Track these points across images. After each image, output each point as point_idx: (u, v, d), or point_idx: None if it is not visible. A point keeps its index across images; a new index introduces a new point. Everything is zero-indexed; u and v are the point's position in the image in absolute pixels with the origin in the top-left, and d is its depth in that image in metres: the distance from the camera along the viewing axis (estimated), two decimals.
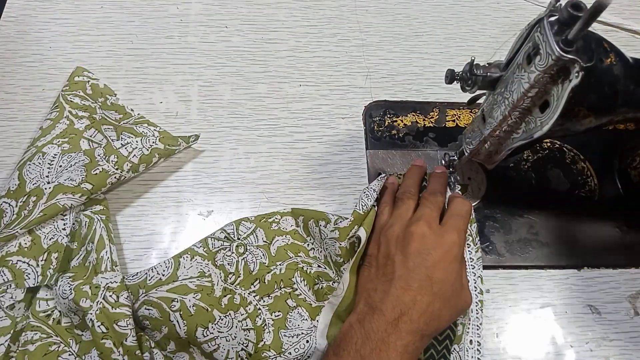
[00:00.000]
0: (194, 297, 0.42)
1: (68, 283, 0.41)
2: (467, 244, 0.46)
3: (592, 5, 0.30)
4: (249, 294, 0.45)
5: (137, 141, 0.48)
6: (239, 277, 0.45)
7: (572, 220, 0.51)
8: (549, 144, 0.55)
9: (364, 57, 0.60)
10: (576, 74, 0.33)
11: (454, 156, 0.50)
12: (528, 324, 0.47)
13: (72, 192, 0.44)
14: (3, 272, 0.42)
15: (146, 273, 0.43)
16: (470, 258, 0.46)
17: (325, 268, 0.46)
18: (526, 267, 0.49)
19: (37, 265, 0.43)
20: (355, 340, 0.37)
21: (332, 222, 0.44)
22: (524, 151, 0.54)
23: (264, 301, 0.45)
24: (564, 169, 0.53)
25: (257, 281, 0.45)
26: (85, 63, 0.56)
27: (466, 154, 0.46)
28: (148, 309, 0.41)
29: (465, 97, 0.44)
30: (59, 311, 0.42)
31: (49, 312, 0.42)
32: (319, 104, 0.56)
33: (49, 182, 0.45)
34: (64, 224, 0.45)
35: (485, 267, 0.48)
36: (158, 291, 0.42)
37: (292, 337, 0.43)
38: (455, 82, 0.42)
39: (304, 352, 0.42)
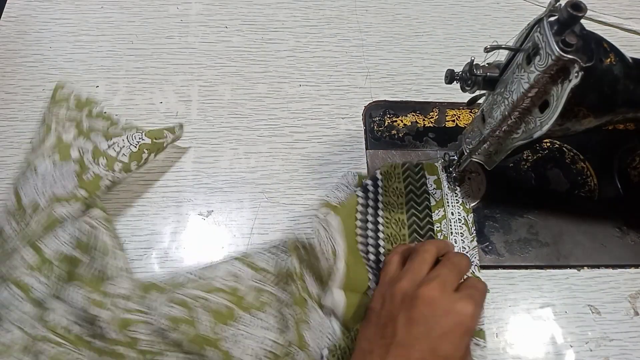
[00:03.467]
0: (218, 296, 0.42)
1: (77, 292, 0.41)
2: (462, 233, 0.47)
3: None
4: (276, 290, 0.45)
5: (123, 140, 0.48)
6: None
7: (572, 220, 0.51)
8: (548, 144, 0.55)
9: (363, 57, 0.60)
10: (576, 74, 0.33)
11: (453, 156, 0.50)
12: (528, 323, 0.47)
13: (67, 200, 0.44)
14: (9, 286, 0.42)
15: (183, 276, 0.44)
16: (467, 246, 0.47)
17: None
18: (526, 267, 0.49)
19: (42, 276, 0.43)
20: None
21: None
22: (524, 151, 0.54)
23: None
24: (564, 168, 0.53)
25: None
26: (86, 63, 0.56)
27: (466, 154, 0.46)
28: (170, 307, 0.41)
29: (465, 97, 0.43)
30: (70, 321, 0.42)
31: (60, 322, 0.42)
32: (319, 104, 0.56)
33: (43, 194, 0.44)
34: (65, 233, 0.45)
35: (484, 267, 0.48)
36: (187, 289, 0.42)
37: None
38: (455, 82, 0.41)
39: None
